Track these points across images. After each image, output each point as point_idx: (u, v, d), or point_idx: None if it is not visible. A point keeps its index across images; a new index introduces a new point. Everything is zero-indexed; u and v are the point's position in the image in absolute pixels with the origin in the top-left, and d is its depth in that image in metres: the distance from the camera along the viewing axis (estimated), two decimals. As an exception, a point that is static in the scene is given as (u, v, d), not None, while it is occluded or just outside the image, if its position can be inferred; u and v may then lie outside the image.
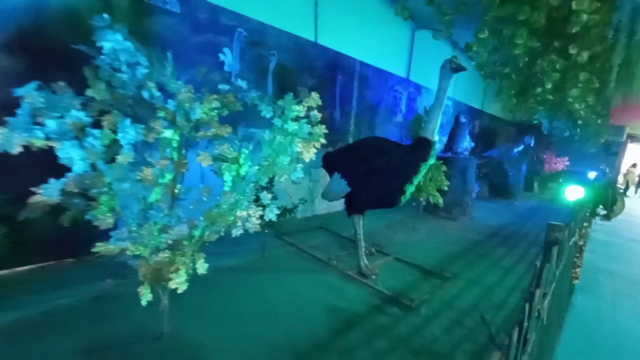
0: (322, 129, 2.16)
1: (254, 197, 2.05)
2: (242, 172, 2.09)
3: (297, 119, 2.07)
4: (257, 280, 2.71)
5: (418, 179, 2.79)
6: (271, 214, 1.99)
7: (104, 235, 1.56)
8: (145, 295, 1.60)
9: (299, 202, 3.39)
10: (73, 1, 2.60)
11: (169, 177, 1.74)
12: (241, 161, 2.08)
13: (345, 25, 4.88)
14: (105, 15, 1.55)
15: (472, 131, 8.92)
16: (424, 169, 2.72)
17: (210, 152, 1.91)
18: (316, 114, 2.13)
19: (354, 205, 3.02)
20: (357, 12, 5.04)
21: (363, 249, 3.03)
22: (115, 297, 2.25)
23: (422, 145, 2.65)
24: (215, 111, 1.95)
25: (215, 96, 1.92)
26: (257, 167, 2.05)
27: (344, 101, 5.08)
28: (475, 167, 5.70)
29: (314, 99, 2.18)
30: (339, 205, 5.25)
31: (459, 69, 2.59)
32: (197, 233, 1.82)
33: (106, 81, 1.59)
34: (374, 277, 2.90)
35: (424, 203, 4.70)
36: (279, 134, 2.05)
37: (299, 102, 2.11)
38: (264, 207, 2.14)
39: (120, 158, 1.47)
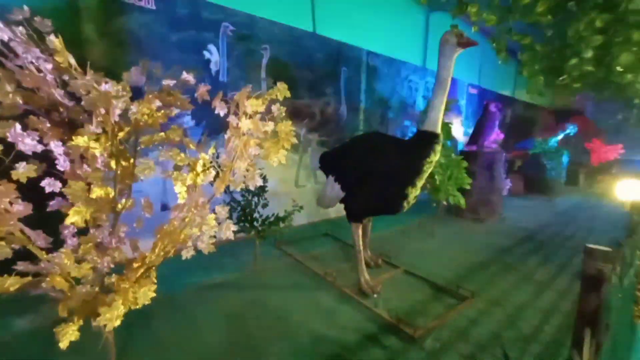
0: (288, 127, 1.79)
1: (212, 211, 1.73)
2: (200, 181, 1.77)
3: (254, 115, 1.72)
4: (239, 300, 2.40)
5: (422, 180, 2.33)
6: (228, 232, 1.66)
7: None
8: (67, 336, 1.33)
9: (293, 209, 3.04)
10: (39, 3, 2.43)
11: (98, 191, 1.46)
12: (198, 168, 1.76)
13: (347, 12, 4.46)
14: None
15: (503, 121, 8.09)
16: (428, 168, 2.26)
17: (155, 159, 1.60)
18: (279, 108, 1.76)
19: (350, 212, 2.63)
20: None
21: (363, 262, 2.63)
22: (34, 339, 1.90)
23: (424, 141, 2.19)
24: (161, 112, 1.64)
25: (156, 94, 1.61)
26: (213, 175, 1.72)
27: (350, 95, 4.66)
28: (505, 161, 5.02)
29: (281, 90, 1.82)
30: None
31: (468, 43, 2.10)
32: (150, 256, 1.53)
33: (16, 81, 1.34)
34: (375, 295, 2.48)
35: (444, 204, 4.17)
36: (234, 134, 1.71)
37: (259, 95, 1.76)
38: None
39: (14, 173, 1.20)
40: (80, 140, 1.29)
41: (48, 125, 1.36)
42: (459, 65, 2.40)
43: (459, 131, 6.80)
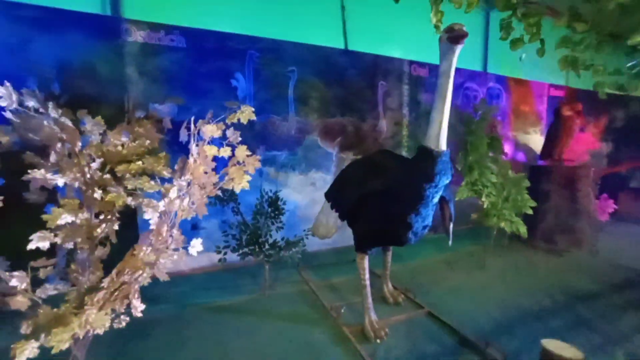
0: (243, 150, 1.70)
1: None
2: (175, 207, 1.79)
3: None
4: (231, 327, 2.34)
5: (428, 206, 1.94)
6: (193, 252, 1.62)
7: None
8: (24, 352, 1.44)
9: (304, 233, 2.90)
10: (93, 50, 2.91)
11: (67, 218, 1.59)
12: (172, 195, 1.79)
13: (383, 24, 4.22)
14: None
15: (610, 126, 6.47)
16: (433, 192, 1.87)
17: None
18: (234, 133, 1.68)
19: (354, 240, 2.35)
20: (399, 5, 4.30)
21: (370, 299, 2.30)
22: None
23: (422, 160, 1.83)
24: (136, 142, 1.73)
25: (123, 126, 1.70)
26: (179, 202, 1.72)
27: (390, 109, 4.34)
28: (592, 177, 3.94)
29: (245, 112, 1.75)
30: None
31: (458, 36, 1.72)
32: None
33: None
34: (377, 341, 2.13)
35: (497, 231, 3.45)
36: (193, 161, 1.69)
37: (221, 120, 1.71)
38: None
39: None
40: (37, 173, 1.43)
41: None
42: (537, 63, 1.99)
43: (538, 143, 5.69)
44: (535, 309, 2.57)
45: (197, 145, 1.67)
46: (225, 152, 1.67)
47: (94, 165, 1.67)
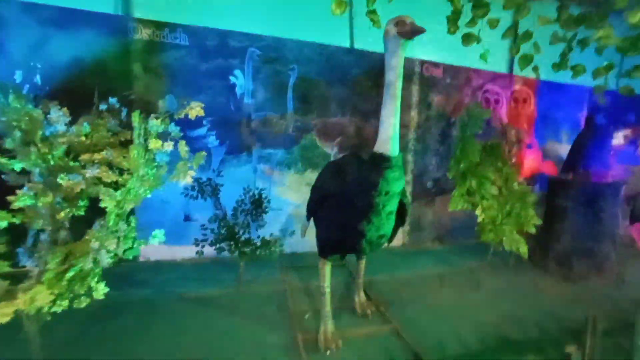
0: (183, 146, 1.71)
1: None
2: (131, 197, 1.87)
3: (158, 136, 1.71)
4: (195, 318, 2.39)
5: (381, 215, 1.81)
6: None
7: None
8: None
9: (280, 232, 2.88)
10: (100, 49, 3.13)
11: (27, 200, 1.72)
12: (129, 185, 1.87)
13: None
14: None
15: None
16: (384, 201, 1.74)
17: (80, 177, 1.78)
18: (173, 128, 1.70)
19: (317, 246, 2.28)
20: (412, 2, 4.10)
21: (328, 307, 2.22)
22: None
23: (372, 166, 1.71)
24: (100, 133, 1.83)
25: (86, 117, 1.80)
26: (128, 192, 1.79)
27: (397, 112, 4.15)
28: (622, 196, 3.43)
29: (194, 108, 1.76)
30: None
31: (413, 31, 1.57)
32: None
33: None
34: (327, 352, 2.05)
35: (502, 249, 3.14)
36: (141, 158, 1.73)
37: (168, 115, 1.74)
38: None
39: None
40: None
41: None
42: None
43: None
44: (521, 343, 2.29)
45: (143, 139, 1.72)
46: (168, 146, 1.70)
47: (57, 153, 1.79)
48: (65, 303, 1.83)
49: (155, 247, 3.41)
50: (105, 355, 1.99)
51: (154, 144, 1.69)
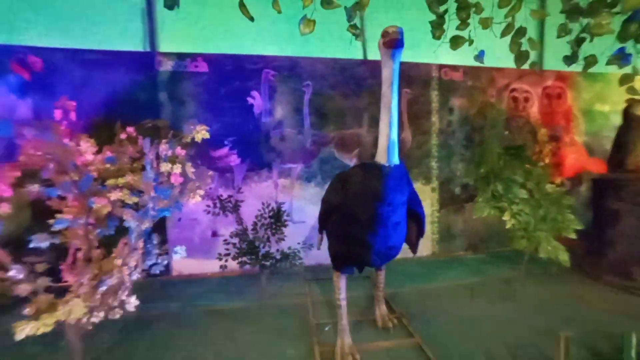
0: (189, 168, 1.82)
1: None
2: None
3: (171, 160, 1.84)
4: (218, 331, 2.46)
5: (387, 226, 1.77)
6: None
7: None
8: (24, 330, 1.78)
9: (301, 247, 2.91)
10: (130, 83, 3.46)
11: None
12: (149, 206, 2.03)
13: (407, 28, 4.01)
14: None
15: None
16: (388, 211, 1.71)
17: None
18: (180, 151, 1.81)
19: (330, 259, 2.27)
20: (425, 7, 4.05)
21: (345, 320, 2.18)
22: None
23: (372, 177, 1.69)
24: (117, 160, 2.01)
25: (108, 147, 1.99)
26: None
27: (416, 118, 4.08)
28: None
29: (199, 131, 1.88)
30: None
31: (391, 41, 1.55)
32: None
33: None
34: (344, 366, 2.01)
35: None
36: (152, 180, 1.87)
37: (178, 139, 1.87)
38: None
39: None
40: (33, 187, 1.77)
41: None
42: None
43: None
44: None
45: (153, 163, 1.86)
46: (177, 169, 1.82)
47: (87, 179, 1.99)
48: (101, 314, 2.00)
49: (186, 262, 3.62)
50: (133, 366, 2.11)
51: (164, 167, 1.82)
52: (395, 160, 1.68)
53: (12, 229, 1.89)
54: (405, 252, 3.95)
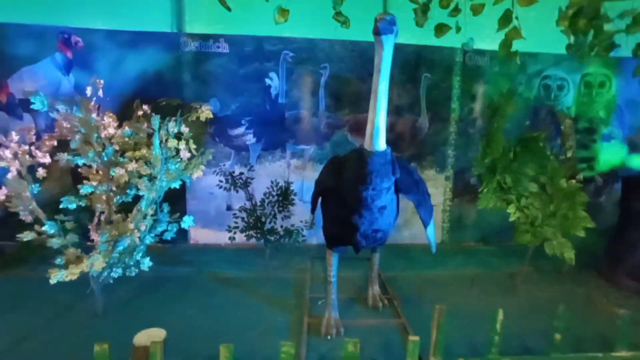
0: (192, 144, 1.97)
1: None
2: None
3: (178, 136, 2.01)
4: (221, 296, 2.72)
5: (372, 210, 1.83)
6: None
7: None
8: (56, 276, 2.10)
9: (304, 223, 3.05)
10: (157, 62, 3.69)
11: (87, 188, 2.18)
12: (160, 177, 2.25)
13: (433, 11, 3.84)
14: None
15: None
16: (372, 195, 1.77)
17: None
18: (184, 128, 1.97)
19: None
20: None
21: (334, 296, 2.32)
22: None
23: (357, 161, 1.74)
24: (135, 135, 2.23)
25: (127, 122, 2.21)
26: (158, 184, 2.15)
27: (435, 104, 3.97)
28: None
29: (204, 111, 2.03)
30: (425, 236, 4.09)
31: (376, 28, 1.54)
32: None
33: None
34: (328, 337, 2.16)
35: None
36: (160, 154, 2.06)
37: (185, 118, 2.03)
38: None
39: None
40: (61, 156, 2.04)
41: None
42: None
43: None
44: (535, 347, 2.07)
45: (162, 139, 2.04)
46: (182, 144, 2.00)
47: (109, 151, 2.24)
48: (120, 270, 2.29)
49: (203, 232, 3.93)
50: (140, 318, 2.41)
51: (171, 143, 2.01)
52: (381, 146, 1.72)
53: (54, 192, 2.20)
54: (414, 237, 4.02)
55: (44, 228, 2.04)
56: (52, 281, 2.08)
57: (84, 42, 3.59)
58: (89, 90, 2.28)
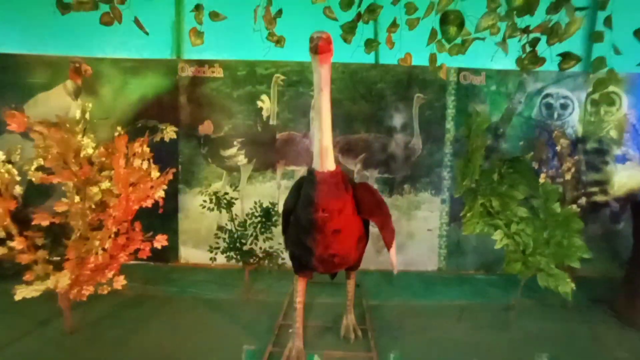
0: (155, 169, 2.00)
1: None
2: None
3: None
4: (191, 319, 2.66)
5: (325, 234, 1.75)
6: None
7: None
8: (23, 293, 2.14)
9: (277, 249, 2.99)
10: (160, 85, 3.88)
11: (62, 207, 2.26)
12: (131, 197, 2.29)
13: (423, 31, 3.83)
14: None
15: None
16: (324, 219, 1.69)
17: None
18: (144, 150, 2.01)
19: (292, 260, 2.30)
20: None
21: (299, 323, 2.20)
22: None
23: (308, 181, 1.68)
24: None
25: (105, 144, 2.29)
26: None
27: (429, 125, 3.88)
28: None
29: (169, 132, 2.07)
30: (420, 263, 3.88)
31: (314, 47, 1.51)
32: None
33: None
34: (288, 368, 2.03)
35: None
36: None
37: (151, 139, 2.08)
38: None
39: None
40: (35, 175, 2.13)
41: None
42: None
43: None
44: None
45: (130, 160, 2.10)
46: (144, 165, 2.04)
47: (86, 169, 2.32)
48: (91, 288, 2.31)
49: (193, 252, 3.94)
50: (108, 337, 2.39)
51: (136, 162, 2.05)
52: (329, 166, 1.67)
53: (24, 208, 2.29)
54: (407, 264, 3.82)
55: (12, 244, 2.12)
56: (17, 297, 2.13)
57: (93, 70, 3.85)
58: (77, 114, 2.41)
